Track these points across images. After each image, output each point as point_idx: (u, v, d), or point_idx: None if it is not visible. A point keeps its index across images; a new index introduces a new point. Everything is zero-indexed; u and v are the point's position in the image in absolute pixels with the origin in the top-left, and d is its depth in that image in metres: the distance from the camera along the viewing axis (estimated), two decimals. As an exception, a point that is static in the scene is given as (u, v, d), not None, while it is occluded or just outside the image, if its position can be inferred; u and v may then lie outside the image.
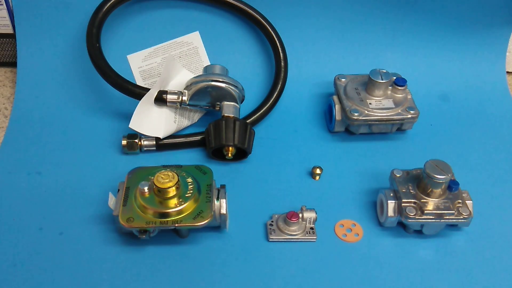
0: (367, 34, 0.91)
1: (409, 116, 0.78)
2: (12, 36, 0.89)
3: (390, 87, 0.80)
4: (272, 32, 0.85)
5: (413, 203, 0.66)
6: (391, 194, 0.67)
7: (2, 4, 0.85)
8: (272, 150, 0.80)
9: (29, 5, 0.84)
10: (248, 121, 0.80)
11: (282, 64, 0.85)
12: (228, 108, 0.77)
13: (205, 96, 0.77)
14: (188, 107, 0.78)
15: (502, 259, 0.66)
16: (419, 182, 0.67)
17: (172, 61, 0.79)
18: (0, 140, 0.80)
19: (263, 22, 0.84)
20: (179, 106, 0.77)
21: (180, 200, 0.62)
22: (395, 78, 0.81)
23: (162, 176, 0.62)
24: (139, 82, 0.86)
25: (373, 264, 0.65)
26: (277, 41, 0.85)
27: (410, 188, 0.67)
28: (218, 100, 0.77)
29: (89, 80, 0.85)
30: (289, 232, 0.67)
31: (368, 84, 0.80)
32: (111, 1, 0.79)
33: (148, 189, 0.62)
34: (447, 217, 0.65)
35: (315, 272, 0.64)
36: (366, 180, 0.76)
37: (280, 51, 0.85)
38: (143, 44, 0.86)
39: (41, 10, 0.84)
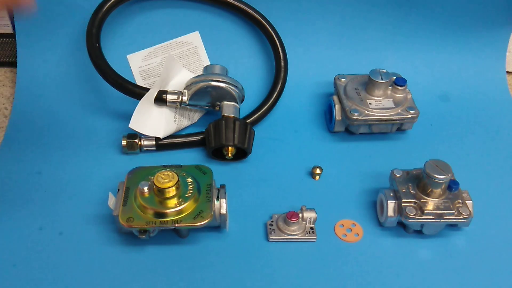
0: (367, 34, 0.91)
1: (409, 116, 0.78)
2: (12, 36, 0.88)
3: (390, 87, 0.80)
4: (272, 32, 0.85)
5: (413, 203, 0.66)
6: (391, 194, 0.67)
7: (2, 4, 0.85)
8: (272, 150, 0.80)
9: (29, 5, 0.84)
10: (248, 121, 0.80)
11: (282, 64, 0.85)
12: (228, 108, 0.77)
13: (205, 96, 0.77)
14: (188, 107, 0.78)
15: (502, 259, 0.66)
16: (419, 182, 0.67)
17: (172, 61, 0.79)
18: (0, 140, 0.80)
19: (263, 22, 0.84)
20: (179, 106, 0.77)
21: (180, 200, 0.62)
22: (395, 78, 0.81)
23: (162, 176, 0.62)
24: (139, 82, 0.86)
25: (373, 264, 0.65)
26: (277, 41, 0.85)
27: (410, 188, 0.67)
28: (218, 100, 0.77)
29: (89, 80, 0.85)
30: (289, 232, 0.67)
31: (368, 84, 0.80)
32: (111, 1, 0.79)
33: (148, 189, 0.62)
34: (447, 217, 0.65)
35: (315, 272, 0.64)
36: (366, 180, 0.76)
37: (280, 51, 0.85)
38: (143, 44, 0.86)
39: (41, 10, 0.84)
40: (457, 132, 0.85)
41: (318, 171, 0.75)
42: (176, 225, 0.61)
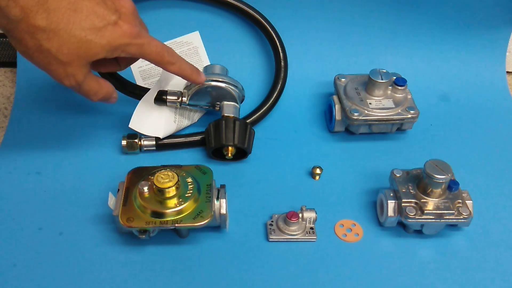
0: (367, 34, 0.91)
1: (409, 116, 0.78)
2: (12, 36, 0.88)
3: (390, 87, 0.80)
4: (272, 32, 0.85)
5: (413, 203, 0.66)
6: (391, 194, 0.67)
7: (2, 4, 0.85)
8: (272, 150, 0.80)
9: (29, 5, 0.84)
10: (248, 121, 0.80)
11: (282, 64, 0.85)
12: (228, 108, 0.77)
13: (205, 96, 0.77)
14: (188, 107, 0.78)
15: (502, 259, 0.66)
16: (419, 182, 0.67)
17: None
18: (0, 140, 0.80)
19: (263, 22, 0.84)
20: (179, 106, 0.77)
21: (180, 200, 0.62)
22: (395, 78, 0.81)
23: (162, 176, 0.62)
24: (139, 82, 0.86)
25: (373, 264, 0.65)
26: (277, 41, 0.85)
27: (410, 188, 0.67)
28: (218, 100, 0.77)
29: (89, 80, 0.85)
30: (289, 232, 0.67)
31: (368, 84, 0.80)
32: (111, 1, 0.79)
33: (148, 189, 0.62)
34: (447, 217, 0.65)
35: (315, 272, 0.64)
36: (366, 180, 0.76)
37: (280, 51, 0.85)
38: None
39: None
40: (457, 132, 0.85)
41: (318, 171, 0.75)
42: (176, 225, 0.61)
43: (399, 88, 0.80)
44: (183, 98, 0.76)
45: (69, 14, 0.55)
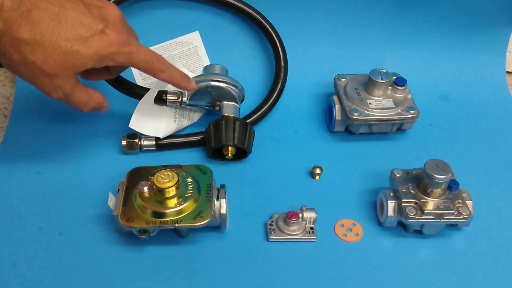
0: (367, 34, 0.91)
1: (409, 116, 0.78)
2: (12, 36, 0.88)
3: (390, 87, 0.80)
4: (272, 32, 0.85)
5: (413, 203, 0.66)
6: (391, 194, 0.67)
7: (2, 4, 0.85)
8: (272, 150, 0.80)
9: (29, 5, 0.84)
10: (248, 121, 0.80)
11: (282, 64, 0.85)
12: (228, 108, 0.77)
13: (205, 96, 0.77)
14: (188, 107, 0.78)
15: (502, 259, 0.66)
16: (419, 182, 0.67)
17: (172, 61, 0.79)
18: (0, 140, 0.80)
19: (263, 22, 0.84)
20: (179, 106, 0.77)
21: (180, 200, 0.62)
22: (395, 78, 0.81)
23: (162, 176, 0.62)
24: (139, 82, 0.86)
25: (373, 264, 0.65)
26: (277, 41, 0.85)
27: (410, 188, 0.67)
28: (218, 100, 0.77)
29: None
30: (289, 232, 0.67)
31: (368, 84, 0.80)
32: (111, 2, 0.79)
33: (147, 189, 0.62)
34: (447, 217, 0.65)
35: (315, 272, 0.64)
36: (366, 180, 0.76)
37: (280, 51, 0.85)
38: (143, 44, 0.85)
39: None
40: (457, 132, 0.85)
41: (318, 171, 0.75)
42: (176, 225, 0.61)
43: (399, 88, 0.80)
44: (183, 98, 0.76)
45: (54, 25, 0.54)
